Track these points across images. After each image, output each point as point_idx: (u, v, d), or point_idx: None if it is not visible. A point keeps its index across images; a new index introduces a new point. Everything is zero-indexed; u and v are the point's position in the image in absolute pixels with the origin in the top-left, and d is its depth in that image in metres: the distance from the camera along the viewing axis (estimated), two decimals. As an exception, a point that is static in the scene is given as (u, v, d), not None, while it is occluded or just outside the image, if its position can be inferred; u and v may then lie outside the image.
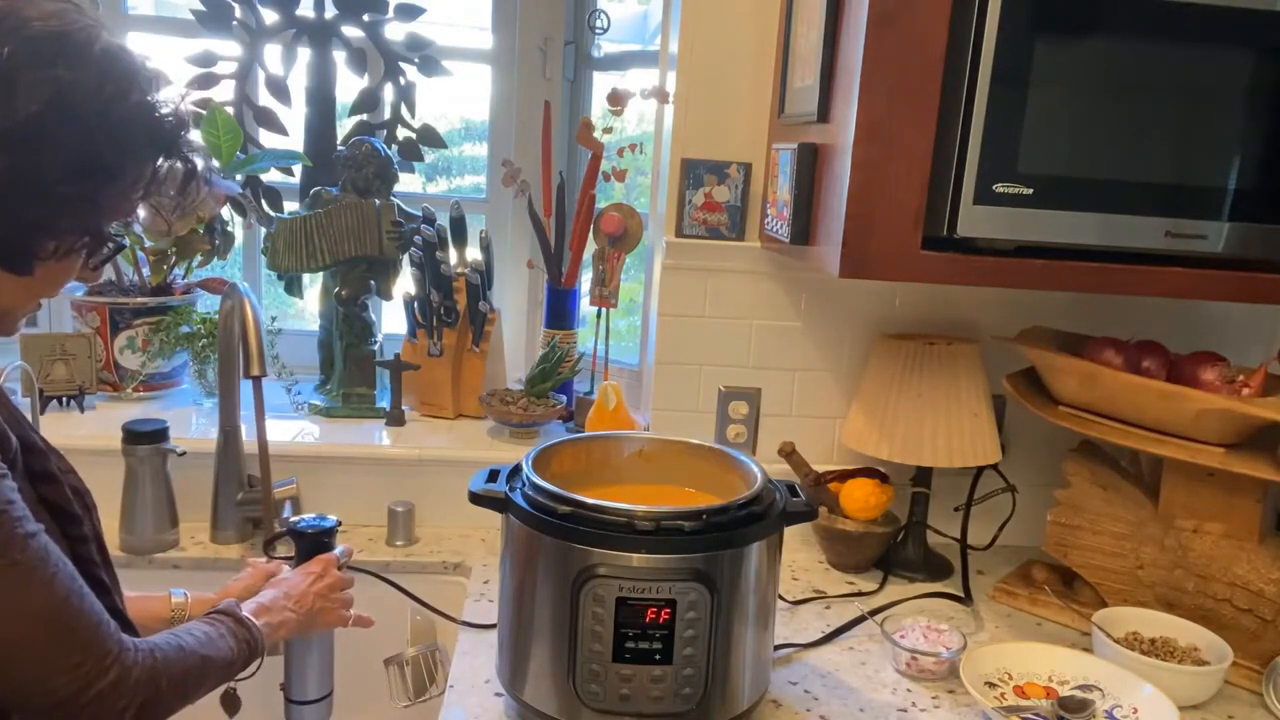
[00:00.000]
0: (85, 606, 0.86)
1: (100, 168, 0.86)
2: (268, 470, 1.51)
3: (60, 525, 0.92)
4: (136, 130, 0.88)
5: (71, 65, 0.83)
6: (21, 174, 0.82)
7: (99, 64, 0.85)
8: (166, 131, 0.91)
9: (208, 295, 1.97)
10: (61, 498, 0.92)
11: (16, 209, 0.84)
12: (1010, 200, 1.25)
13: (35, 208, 0.85)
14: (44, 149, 0.82)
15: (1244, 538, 1.41)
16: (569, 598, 1.09)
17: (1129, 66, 1.25)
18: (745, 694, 1.18)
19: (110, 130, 0.86)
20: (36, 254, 0.87)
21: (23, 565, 0.82)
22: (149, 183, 0.92)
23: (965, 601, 1.61)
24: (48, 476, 0.92)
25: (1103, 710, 1.27)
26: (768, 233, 1.62)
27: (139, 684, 0.88)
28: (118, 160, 0.88)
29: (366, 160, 1.86)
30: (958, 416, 1.58)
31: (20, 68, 0.81)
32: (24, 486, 0.88)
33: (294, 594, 1.18)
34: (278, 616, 1.13)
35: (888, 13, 1.22)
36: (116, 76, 0.86)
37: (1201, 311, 1.76)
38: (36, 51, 0.82)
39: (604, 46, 2.14)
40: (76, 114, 0.83)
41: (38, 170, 0.83)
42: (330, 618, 1.22)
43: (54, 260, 0.89)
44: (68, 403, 1.81)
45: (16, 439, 0.88)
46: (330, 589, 1.22)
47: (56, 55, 0.83)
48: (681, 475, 1.34)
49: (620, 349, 1.97)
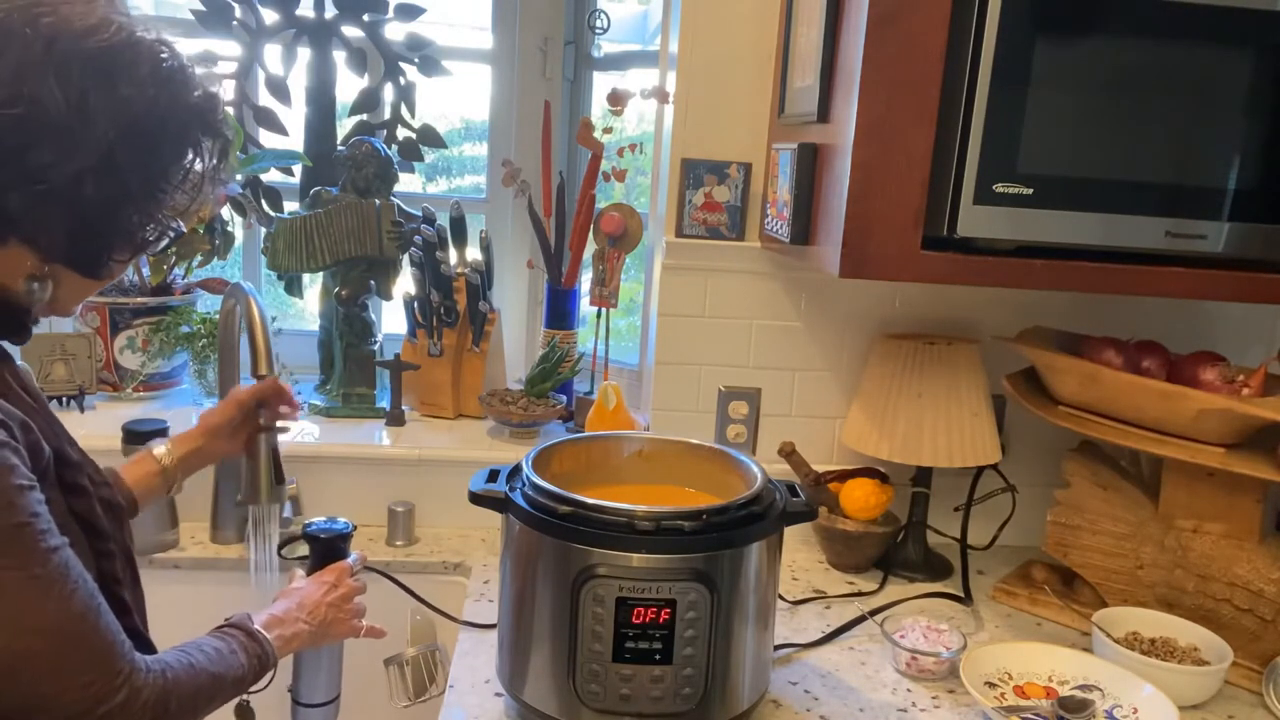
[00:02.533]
0: (101, 624, 0.85)
1: (163, 171, 0.90)
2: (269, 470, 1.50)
3: (88, 540, 0.92)
4: (193, 129, 0.91)
5: (130, 81, 0.86)
6: (107, 200, 0.86)
7: (149, 68, 0.88)
8: (206, 114, 0.94)
9: (208, 295, 1.97)
10: (91, 512, 0.92)
11: (100, 229, 0.88)
12: (1010, 200, 1.25)
13: (112, 221, 0.88)
14: (118, 171, 0.85)
15: (1244, 538, 1.41)
16: (569, 598, 1.09)
17: (1129, 66, 1.25)
18: (745, 694, 1.18)
19: (172, 135, 0.89)
20: (113, 259, 0.92)
21: (42, 579, 0.81)
22: (197, 166, 0.95)
23: (965, 601, 1.61)
24: (79, 489, 0.92)
25: (1103, 710, 1.27)
26: (768, 233, 1.62)
27: (148, 705, 0.87)
28: (178, 160, 0.91)
29: (366, 160, 1.86)
30: (958, 416, 1.58)
31: (89, 91, 0.83)
32: (55, 498, 0.88)
33: (307, 604, 1.17)
34: (290, 629, 1.12)
35: (888, 13, 1.22)
36: (162, 80, 0.88)
37: (1201, 311, 1.76)
38: (99, 73, 0.84)
39: (604, 46, 2.14)
40: (142, 129, 0.86)
41: (115, 189, 0.86)
42: (342, 629, 1.21)
43: (126, 260, 0.93)
44: (68, 403, 1.81)
45: (51, 449, 0.89)
46: (344, 599, 1.21)
47: (115, 71, 0.85)
48: (681, 475, 1.34)
49: (620, 349, 1.97)
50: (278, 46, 1.96)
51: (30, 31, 0.81)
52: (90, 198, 0.85)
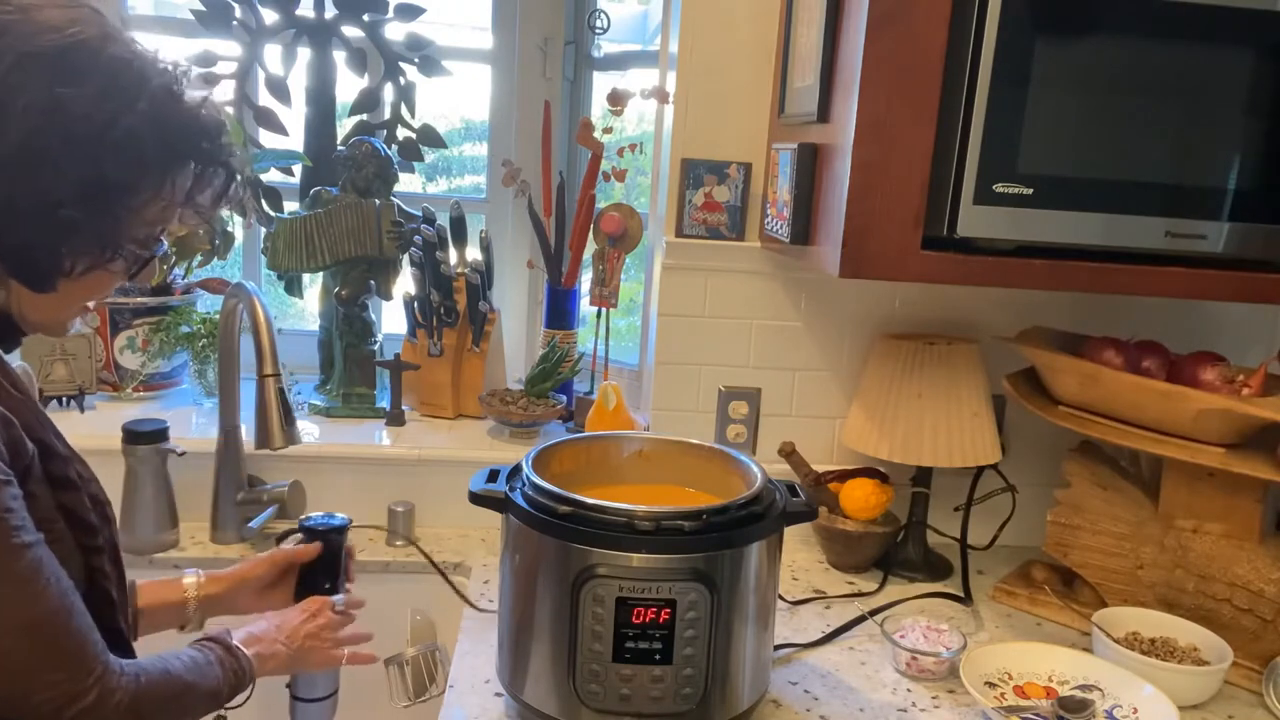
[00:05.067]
0: (74, 624, 0.85)
1: (110, 185, 0.84)
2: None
3: (76, 534, 0.91)
4: (146, 142, 0.84)
5: (70, 81, 0.80)
6: (24, 199, 0.81)
7: (104, 76, 0.82)
8: (190, 138, 0.88)
9: (208, 295, 1.97)
10: (79, 506, 0.91)
11: (25, 233, 0.82)
12: (1010, 200, 1.25)
13: (43, 231, 0.82)
14: (43, 172, 0.80)
15: (1244, 538, 1.41)
16: (569, 598, 1.09)
17: (1129, 66, 1.25)
18: (745, 694, 1.18)
19: (116, 144, 0.83)
20: (56, 272, 0.85)
21: (14, 576, 0.81)
22: (180, 192, 0.90)
23: (965, 601, 1.61)
24: (67, 483, 0.90)
25: (1103, 710, 1.27)
26: (768, 233, 1.62)
27: (120, 707, 0.86)
28: (129, 175, 0.85)
29: (366, 160, 1.86)
30: (958, 416, 1.58)
31: (14, 89, 0.79)
32: (41, 493, 0.87)
33: (285, 629, 1.16)
34: (268, 649, 1.11)
35: (888, 13, 1.22)
36: (122, 88, 0.83)
37: (1201, 311, 1.76)
38: (35, 70, 0.79)
39: (604, 46, 2.14)
40: (74, 132, 0.81)
41: (40, 194, 0.81)
42: (320, 657, 1.20)
43: (76, 277, 0.86)
44: (68, 403, 1.81)
45: (36, 445, 0.87)
46: (322, 629, 1.20)
47: (56, 72, 0.80)
48: (681, 475, 1.34)
49: (620, 349, 1.97)
50: (278, 46, 1.96)
51: None
52: (12, 197, 0.80)
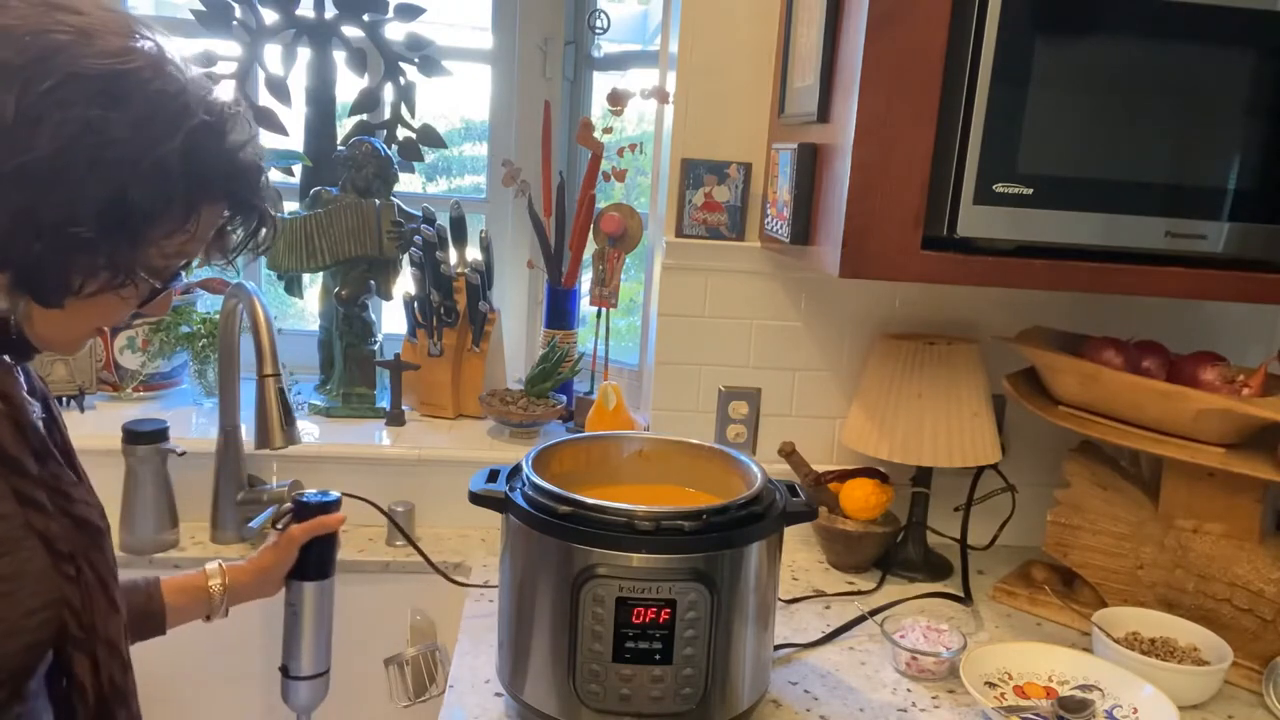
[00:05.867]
0: None
1: (130, 211, 0.82)
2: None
3: (52, 559, 0.88)
4: (174, 175, 0.83)
5: (111, 105, 0.79)
6: (44, 212, 0.79)
7: (146, 105, 0.81)
8: (224, 178, 0.88)
9: (208, 295, 1.97)
10: (46, 530, 0.88)
11: (39, 245, 0.81)
12: (1010, 200, 1.25)
13: (56, 245, 0.81)
14: (59, 189, 0.79)
15: (1244, 538, 1.41)
16: (569, 598, 1.09)
17: (1129, 66, 1.25)
18: (745, 694, 1.18)
19: (143, 173, 0.81)
20: (64, 289, 0.84)
21: None
22: (206, 229, 0.89)
23: (965, 601, 1.61)
24: (35, 504, 0.87)
25: (1103, 710, 1.27)
26: (768, 233, 1.62)
27: None
28: (151, 204, 0.83)
29: (366, 160, 1.86)
30: (958, 416, 1.58)
31: (55, 105, 0.78)
32: (10, 510, 0.84)
33: None
34: None
35: (888, 13, 1.22)
36: (162, 119, 0.82)
37: (1201, 311, 1.76)
38: (79, 90, 0.78)
39: (604, 46, 2.14)
40: (104, 155, 0.79)
41: (60, 208, 0.79)
42: None
43: (85, 297, 0.85)
44: (68, 403, 1.81)
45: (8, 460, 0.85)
46: None
47: (98, 94, 0.79)
48: (681, 475, 1.34)
49: (620, 349, 1.97)
50: (278, 46, 1.96)
51: (29, 39, 0.78)
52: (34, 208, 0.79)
